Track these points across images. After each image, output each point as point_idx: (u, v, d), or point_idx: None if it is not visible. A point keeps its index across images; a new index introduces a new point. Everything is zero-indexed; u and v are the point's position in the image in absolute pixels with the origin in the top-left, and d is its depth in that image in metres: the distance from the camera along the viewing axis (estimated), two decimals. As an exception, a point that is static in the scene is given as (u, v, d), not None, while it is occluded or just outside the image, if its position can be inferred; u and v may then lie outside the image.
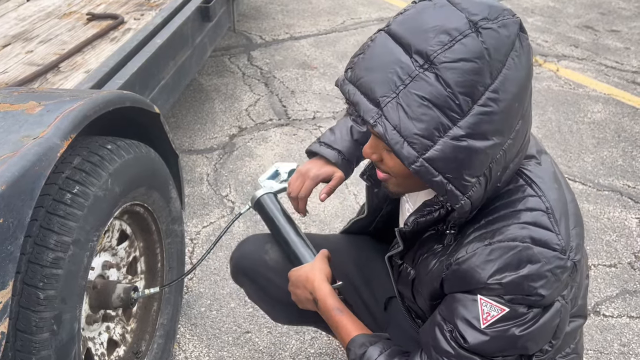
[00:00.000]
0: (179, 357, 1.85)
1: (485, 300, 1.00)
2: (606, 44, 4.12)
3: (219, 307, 2.03)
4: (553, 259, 0.99)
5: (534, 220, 1.00)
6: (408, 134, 0.90)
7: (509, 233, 1.00)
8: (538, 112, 3.27)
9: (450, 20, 0.90)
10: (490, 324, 1.00)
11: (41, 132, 1.16)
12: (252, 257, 1.46)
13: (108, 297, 1.42)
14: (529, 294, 0.98)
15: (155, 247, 1.67)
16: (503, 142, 0.94)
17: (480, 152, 0.92)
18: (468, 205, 0.97)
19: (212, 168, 2.76)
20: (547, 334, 1.05)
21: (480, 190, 0.97)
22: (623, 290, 2.14)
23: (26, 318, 1.14)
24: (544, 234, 1.00)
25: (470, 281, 1.02)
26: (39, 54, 1.97)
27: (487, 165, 0.94)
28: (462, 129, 0.89)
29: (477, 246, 1.01)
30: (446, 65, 0.88)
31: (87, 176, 1.26)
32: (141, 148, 1.48)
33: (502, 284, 0.99)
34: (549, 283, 0.99)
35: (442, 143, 0.90)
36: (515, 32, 0.92)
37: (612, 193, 2.66)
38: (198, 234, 2.35)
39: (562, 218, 1.03)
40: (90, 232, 1.25)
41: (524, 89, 0.95)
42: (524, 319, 1.00)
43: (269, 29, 4.22)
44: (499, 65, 0.90)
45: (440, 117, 0.89)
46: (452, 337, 1.04)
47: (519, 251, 0.99)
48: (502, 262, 0.99)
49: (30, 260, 1.15)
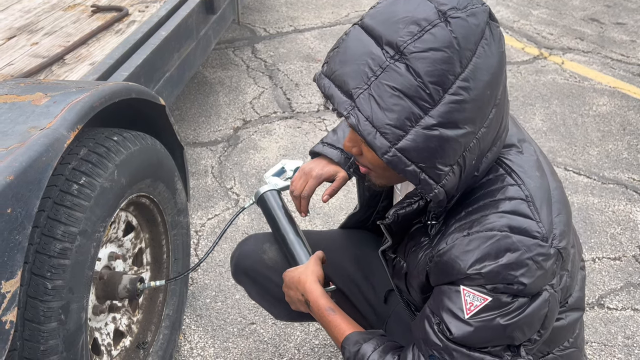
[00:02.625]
0: (184, 348, 1.86)
1: (468, 291, 1.00)
2: (612, 36, 4.10)
3: (224, 298, 2.04)
4: (533, 247, 0.98)
5: (512, 209, 1.00)
6: (380, 124, 0.91)
7: (487, 222, 1.00)
8: (543, 105, 3.26)
9: (420, 10, 0.91)
10: (474, 314, 1.00)
11: (48, 123, 1.16)
12: (251, 257, 1.49)
13: (114, 288, 1.43)
14: (510, 282, 0.98)
15: (161, 238, 1.67)
16: (476, 130, 0.94)
17: (453, 140, 0.92)
18: (442, 194, 0.97)
19: (217, 160, 2.76)
20: (534, 323, 1.04)
21: (454, 179, 0.97)
22: (627, 283, 2.14)
23: (34, 308, 1.15)
24: (522, 222, 0.99)
25: (452, 272, 1.02)
26: (44, 46, 1.97)
27: (460, 153, 0.94)
28: (433, 118, 0.90)
29: (457, 237, 1.02)
30: (416, 55, 0.89)
31: (93, 167, 1.26)
32: (147, 140, 1.48)
33: (482, 273, 0.99)
34: (530, 271, 0.98)
35: (414, 132, 0.90)
36: (484, 21, 0.93)
37: (617, 186, 2.65)
38: (203, 226, 2.36)
39: (543, 205, 1.02)
40: (97, 223, 1.25)
41: (496, 77, 0.95)
42: (508, 308, 1.00)
43: (273, 21, 4.21)
44: (469, 54, 0.90)
45: (411, 106, 0.90)
46: (440, 329, 1.04)
47: (497, 240, 0.98)
48: (480, 252, 0.99)
49: (38, 250, 1.16)
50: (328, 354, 1.84)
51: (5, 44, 1.98)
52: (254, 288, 1.52)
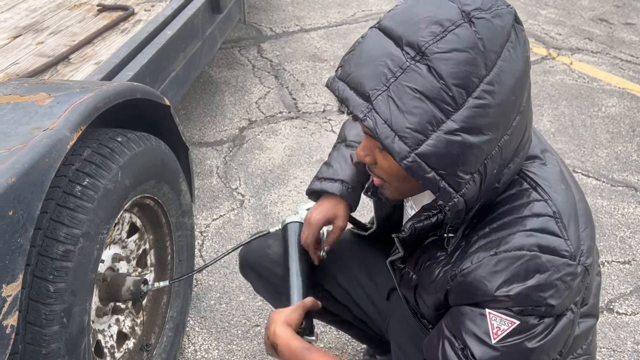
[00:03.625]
0: (188, 350, 1.85)
1: (495, 314, 0.96)
2: (621, 37, 4.06)
3: (228, 300, 2.02)
4: (562, 267, 0.95)
5: (540, 227, 0.96)
6: (399, 127, 0.86)
7: (515, 242, 0.96)
8: (551, 107, 3.23)
9: (442, 11, 0.87)
10: (501, 339, 0.97)
11: (51, 124, 1.15)
12: (257, 252, 1.48)
13: (118, 289, 1.41)
14: (538, 304, 0.95)
15: (165, 239, 1.66)
16: (499, 137, 0.90)
17: (475, 147, 0.88)
18: (462, 203, 0.93)
19: (222, 161, 2.75)
20: (559, 344, 1.01)
21: (475, 188, 0.92)
22: (637, 287, 2.11)
23: (36, 311, 1.14)
24: (551, 241, 0.96)
25: (477, 293, 0.98)
26: (49, 45, 1.96)
27: (482, 161, 0.90)
28: (456, 123, 0.86)
29: (483, 256, 0.98)
30: (438, 56, 0.85)
31: (97, 168, 1.25)
32: (151, 140, 1.47)
33: (510, 296, 0.95)
34: (559, 292, 0.95)
35: (436, 137, 0.86)
36: (510, 23, 0.90)
37: (627, 189, 2.62)
38: (208, 227, 2.34)
39: (570, 221, 0.98)
40: (100, 224, 1.24)
41: (521, 82, 0.91)
42: (535, 331, 0.96)
43: (279, 21, 4.19)
44: (494, 56, 0.87)
45: (433, 110, 0.85)
46: (464, 354, 1.00)
47: (526, 261, 0.95)
48: (509, 273, 0.95)
49: (40, 252, 1.15)
50: (333, 358, 1.83)
51: (11, 43, 1.97)
52: (259, 282, 1.52)
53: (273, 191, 2.54)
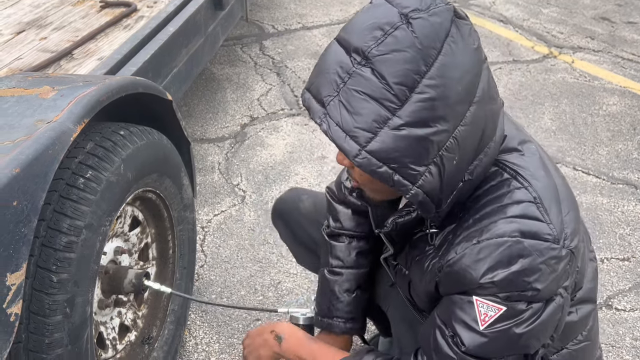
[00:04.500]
0: (189, 343, 1.86)
1: (482, 301, 0.99)
2: (623, 35, 4.06)
3: (229, 294, 2.04)
4: (546, 250, 0.97)
5: (522, 213, 0.99)
6: (349, 128, 0.92)
7: (496, 229, 0.99)
8: (552, 105, 3.24)
9: (383, 16, 0.93)
10: (488, 325, 0.99)
11: (55, 116, 1.16)
12: (288, 203, 1.63)
13: (120, 282, 1.43)
14: (523, 289, 0.97)
15: (167, 233, 1.68)
16: (451, 128, 0.92)
17: (423, 139, 0.91)
18: (421, 195, 0.95)
19: (224, 157, 2.76)
20: (548, 329, 1.03)
21: (433, 180, 0.95)
22: (636, 284, 2.12)
23: (39, 300, 1.15)
24: (533, 225, 0.98)
25: (464, 282, 1.01)
26: (52, 40, 1.97)
27: (436, 153, 0.93)
28: (401, 118, 0.90)
29: (466, 246, 1.01)
30: (379, 59, 0.90)
31: (100, 161, 1.26)
32: (154, 135, 1.48)
33: (495, 282, 0.98)
34: (543, 275, 0.97)
35: (383, 134, 0.91)
36: (448, 19, 0.93)
37: (627, 186, 2.62)
38: (209, 222, 2.36)
39: (552, 205, 1.01)
40: (103, 217, 1.25)
41: (470, 74, 0.94)
42: (523, 316, 0.99)
43: (282, 18, 4.20)
44: (434, 52, 0.91)
45: (378, 108, 0.91)
46: (454, 342, 1.03)
47: (508, 247, 0.97)
48: (493, 260, 0.98)
49: (44, 243, 1.16)
50: (333, 352, 1.84)
51: (15, 39, 1.98)
52: (285, 231, 1.65)
53: (274, 187, 2.56)
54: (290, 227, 1.62)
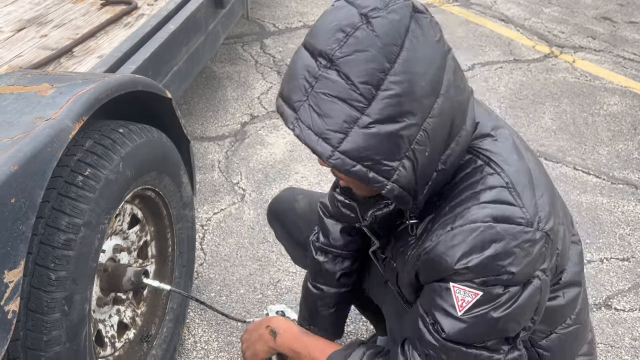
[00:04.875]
0: (188, 342, 1.86)
1: (458, 287, 1.01)
2: (624, 35, 4.06)
3: (228, 292, 2.04)
4: (519, 234, 0.98)
5: (494, 198, 1.01)
6: (320, 131, 0.94)
7: (470, 215, 1.00)
8: (553, 104, 3.23)
9: (344, 17, 0.94)
10: (466, 310, 1.01)
11: (53, 114, 1.16)
12: (284, 203, 1.64)
13: (119, 280, 1.43)
14: (498, 273, 0.99)
15: (166, 231, 1.68)
16: (420, 122, 0.93)
17: (393, 135, 0.92)
18: (397, 189, 0.96)
19: (224, 155, 2.76)
20: (527, 313, 1.04)
21: (408, 173, 0.96)
22: (635, 284, 2.12)
23: (38, 298, 1.15)
24: (505, 210, 0.99)
25: (440, 269, 1.03)
26: (53, 38, 1.97)
27: (407, 147, 0.94)
28: (369, 117, 0.92)
29: (441, 233, 1.03)
30: (343, 60, 0.92)
31: (98, 159, 1.26)
32: (153, 133, 1.48)
33: (470, 267, 0.99)
34: (517, 259, 0.98)
35: (353, 133, 0.92)
36: (407, 15, 0.93)
37: (627, 186, 2.62)
38: (209, 221, 2.36)
39: (525, 189, 1.02)
40: (102, 214, 1.25)
41: (434, 67, 0.94)
42: (500, 300, 1.00)
43: (282, 16, 4.20)
44: (396, 49, 0.91)
45: (346, 109, 0.92)
46: (435, 329, 1.05)
47: (481, 232, 0.99)
48: (467, 246, 0.99)
49: (42, 241, 1.16)
50: (332, 350, 1.84)
51: (15, 36, 1.98)
52: (281, 231, 1.67)
53: (274, 186, 2.56)
54: (286, 228, 1.64)
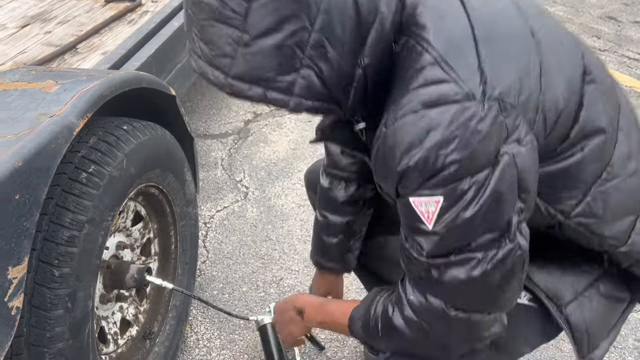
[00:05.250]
0: (190, 339, 1.86)
1: (418, 200, 0.90)
2: (629, 35, 4.04)
3: (231, 290, 2.04)
4: (458, 114, 0.85)
5: (422, 82, 0.88)
6: (209, 59, 0.87)
7: (400, 110, 0.89)
8: (557, 104, 3.22)
9: None
10: (435, 221, 0.90)
11: (58, 110, 1.16)
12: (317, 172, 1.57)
13: (122, 277, 1.43)
14: (442, 165, 0.86)
15: (170, 229, 1.67)
16: (305, 24, 0.83)
17: (278, 47, 0.83)
18: (305, 102, 0.87)
19: (227, 153, 2.76)
20: (507, 196, 0.89)
21: (312, 83, 0.86)
22: (639, 284, 2.11)
23: (41, 295, 1.15)
24: (435, 91, 0.87)
25: (388, 175, 0.93)
26: (57, 34, 1.97)
27: (301, 55, 0.84)
28: (248, 33, 0.83)
29: (377, 136, 0.94)
30: None
31: (102, 156, 1.26)
32: (157, 130, 1.48)
33: (412, 166, 0.88)
34: (462, 142, 0.85)
35: (239, 55, 0.85)
36: None
37: (631, 187, 2.61)
38: (212, 218, 2.36)
39: (460, 56, 0.88)
40: (105, 211, 1.25)
41: None
42: (466, 197, 0.88)
43: (286, 15, 4.20)
44: None
45: (225, 29, 0.84)
46: (417, 250, 0.96)
47: (413, 124, 0.87)
48: (404, 144, 0.88)
49: (46, 237, 1.16)
50: (334, 348, 1.84)
51: (19, 32, 1.98)
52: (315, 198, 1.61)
53: (277, 184, 2.56)
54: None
